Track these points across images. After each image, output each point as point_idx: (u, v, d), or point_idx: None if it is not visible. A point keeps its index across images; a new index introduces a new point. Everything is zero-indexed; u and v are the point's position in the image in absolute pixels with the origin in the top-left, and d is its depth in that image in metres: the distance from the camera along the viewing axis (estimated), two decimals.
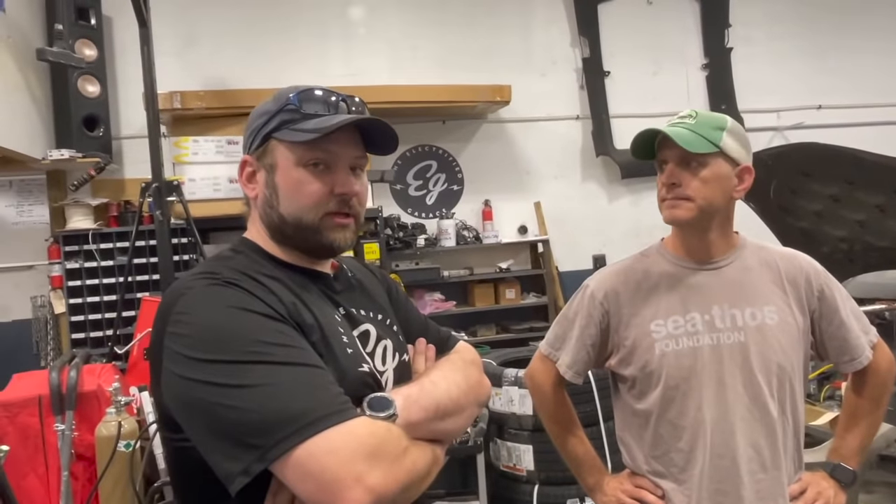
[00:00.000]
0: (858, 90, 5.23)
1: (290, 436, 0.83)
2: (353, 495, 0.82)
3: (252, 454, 0.84)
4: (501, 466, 3.16)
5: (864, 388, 1.51)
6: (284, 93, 1.04)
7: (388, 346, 1.10)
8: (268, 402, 0.85)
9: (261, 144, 1.04)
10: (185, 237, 3.74)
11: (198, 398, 0.87)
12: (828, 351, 1.47)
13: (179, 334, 0.91)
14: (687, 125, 1.38)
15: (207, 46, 4.36)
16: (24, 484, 2.69)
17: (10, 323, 4.03)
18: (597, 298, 1.48)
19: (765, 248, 1.49)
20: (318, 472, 0.82)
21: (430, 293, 4.54)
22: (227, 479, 0.85)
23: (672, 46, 5.11)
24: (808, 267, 1.47)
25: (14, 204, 4.06)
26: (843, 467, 1.49)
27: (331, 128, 0.98)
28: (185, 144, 3.80)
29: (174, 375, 0.90)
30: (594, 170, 5.00)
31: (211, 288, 0.95)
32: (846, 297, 1.48)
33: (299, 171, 1.02)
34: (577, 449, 1.59)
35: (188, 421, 0.90)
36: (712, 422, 1.38)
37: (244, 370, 0.86)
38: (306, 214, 1.02)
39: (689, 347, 1.39)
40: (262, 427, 0.84)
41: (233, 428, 0.85)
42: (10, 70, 3.44)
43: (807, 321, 1.44)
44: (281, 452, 0.83)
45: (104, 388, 2.74)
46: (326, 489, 0.82)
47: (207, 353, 0.88)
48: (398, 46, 4.69)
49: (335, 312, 1.05)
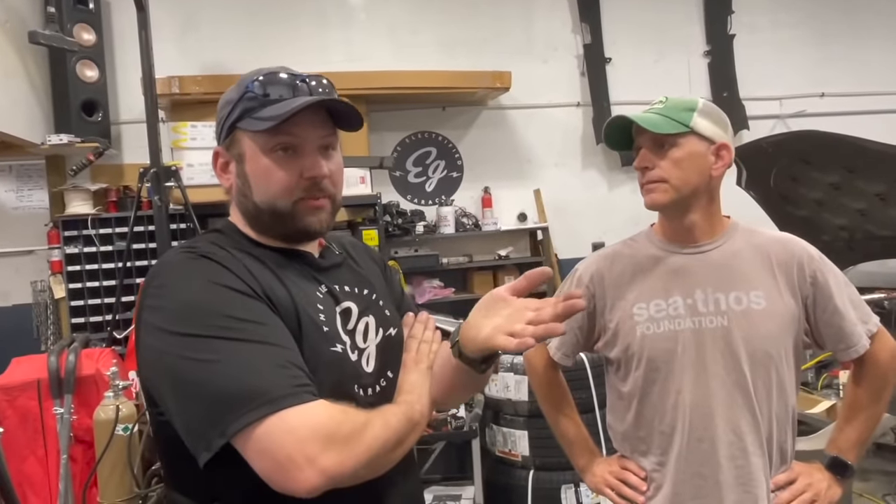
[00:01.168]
0: (861, 78, 5.19)
1: (250, 412, 0.84)
2: (304, 475, 0.84)
3: (214, 429, 0.85)
4: (497, 452, 3.18)
5: (862, 380, 1.48)
6: (245, 80, 1.03)
7: (370, 322, 1.11)
8: (231, 378, 0.86)
9: (228, 135, 1.04)
10: (184, 223, 3.74)
11: (167, 370, 0.89)
12: (823, 338, 1.45)
13: (154, 307, 0.93)
14: (656, 110, 1.39)
15: (206, 31, 4.34)
16: (24, 467, 2.72)
17: (10, 307, 4.04)
18: (583, 281, 1.50)
19: (757, 233, 1.48)
20: (273, 450, 0.84)
21: (429, 280, 4.54)
22: (194, 452, 0.88)
23: (674, 33, 5.07)
24: (802, 252, 1.45)
25: (14, 189, 4.06)
26: (840, 460, 1.46)
27: (286, 114, 0.97)
28: (184, 130, 3.79)
29: (148, 347, 0.92)
30: (594, 157, 4.98)
31: (187, 262, 0.97)
32: (844, 284, 1.46)
33: (266, 159, 1.01)
34: (569, 430, 1.62)
35: (159, 392, 0.92)
36: (692, 405, 1.38)
37: (211, 344, 0.87)
38: (279, 201, 1.02)
39: (669, 330, 1.40)
40: (224, 402, 0.85)
41: (197, 401, 0.86)
42: (8, 55, 3.43)
43: (799, 307, 1.42)
44: (240, 427, 0.84)
45: (103, 372, 2.76)
46: (280, 467, 0.84)
47: (177, 326, 0.89)
48: (398, 32, 4.66)
49: (316, 290, 1.05)
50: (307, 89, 1.02)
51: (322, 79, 1.05)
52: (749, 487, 1.39)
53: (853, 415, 1.49)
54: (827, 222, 3.51)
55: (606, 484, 1.52)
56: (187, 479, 0.97)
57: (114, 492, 2.58)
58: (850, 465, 1.46)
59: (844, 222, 3.45)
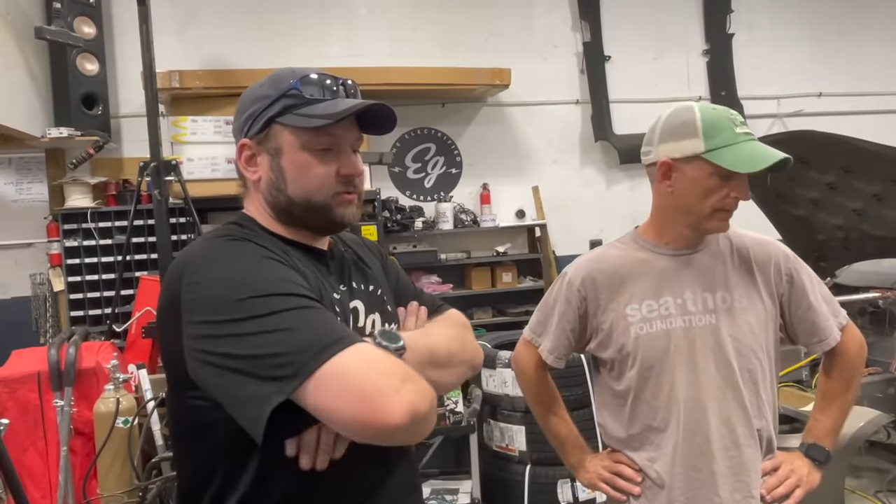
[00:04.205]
0: (859, 78, 5.21)
1: (326, 348, 0.84)
2: (395, 405, 0.81)
3: (287, 371, 0.83)
4: (494, 447, 3.20)
5: (833, 370, 1.56)
6: (283, 77, 1.06)
7: (376, 320, 1.14)
8: (296, 334, 0.86)
9: (263, 129, 1.06)
10: (183, 217, 3.75)
11: (226, 337, 0.88)
12: (797, 333, 1.53)
13: (200, 283, 0.93)
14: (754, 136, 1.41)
15: (206, 25, 4.34)
16: (24, 458, 2.73)
17: (9, 300, 4.05)
18: (574, 285, 1.52)
19: (737, 235, 1.53)
20: (357, 383, 0.82)
21: (428, 276, 4.55)
22: (260, 404, 0.84)
23: (673, 31, 5.08)
24: (778, 253, 1.52)
25: (13, 182, 4.07)
26: (817, 446, 1.54)
27: (341, 114, 1.02)
28: (184, 124, 3.80)
29: (194, 325, 0.91)
30: (593, 154, 5.00)
31: (226, 243, 1.00)
32: (816, 282, 1.54)
33: (306, 155, 1.05)
34: (559, 429, 1.65)
35: (214, 367, 0.89)
36: (685, 401, 1.43)
37: (265, 320, 0.87)
38: (315, 196, 1.06)
39: (662, 330, 1.45)
40: (296, 349, 0.84)
41: (262, 359, 0.85)
42: (8, 47, 3.43)
43: (776, 305, 1.49)
44: (318, 364, 0.83)
45: (103, 365, 2.77)
46: (369, 400, 0.82)
47: (235, 293, 0.90)
48: (398, 28, 4.66)
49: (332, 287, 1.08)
50: (343, 92, 1.07)
51: (348, 80, 1.10)
52: (742, 476, 1.44)
53: (827, 404, 1.57)
54: (823, 222, 3.53)
55: (600, 478, 1.55)
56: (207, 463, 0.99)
57: (113, 484, 2.60)
58: (826, 451, 1.54)
59: (841, 222, 3.47)
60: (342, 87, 1.07)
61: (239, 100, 1.11)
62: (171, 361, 0.99)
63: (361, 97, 1.09)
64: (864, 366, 1.59)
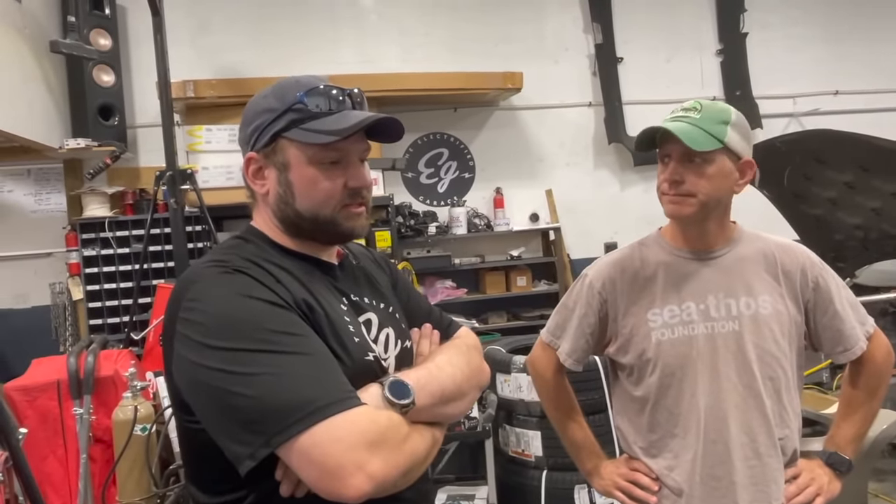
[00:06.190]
0: (876, 76, 5.14)
1: (295, 423, 0.86)
2: (354, 482, 0.85)
3: (259, 439, 0.86)
4: (510, 452, 3.18)
5: (859, 379, 1.51)
6: (288, 89, 1.05)
7: (390, 334, 1.13)
8: (274, 390, 0.87)
9: (269, 143, 1.05)
10: (199, 225, 3.78)
11: (208, 383, 0.90)
12: (822, 341, 1.48)
13: (191, 321, 0.94)
14: (691, 120, 1.36)
15: (220, 35, 4.38)
16: (45, 466, 2.77)
17: (29, 309, 4.11)
18: (595, 287, 1.49)
19: (761, 239, 1.49)
20: (321, 459, 0.85)
21: (442, 281, 4.55)
22: (235, 460, 0.88)
23: (686, 32, 5.05)
24: (804, 258, 1.47)
25: (32, 192, 4.13)
26: (838, 455, 1.50)
27: (349, 130, 1.01)
28: (199, 133, 3.84)
29: (186, 360, 0.93)
30: (606, 157, 4.98)
31: (221, 276, 0.98)
32: (842, 288, 1.49)
33: (313, 169, 1.04)
34: (576, 434, 1.62)
35: (198, 404, 0.93)
36: (706, 408, 1.40)
37: (252, 358, 0.89)
38: (322, 209, 1.05)
39: (684, 336, 1.41)
40: (269, 414, 0.86)
41: (240, 413, 0.87)
42: (26, 60, 3.48)
43: (801, 312, 1.45)
44: (286, 438, 0.85)
45: (121, 373, 2.80)
46: (329, 475, 0.85)
47: (217, 341, 0.90)
48: (410, 33, 4.68)
49: (340, 302, 1.07)
50: (350, 103, 1.06)
51: (354, 89, 1.09)
52: (762, 486, 1.41)
53: (850, 412, 1.53)
54: (841, 221, 3.48)
55: (616, 486, 1.52)
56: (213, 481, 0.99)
57: (132, 491, 2.62)
58: (847, 460, 1.50)
59: (859, 221, 3.42)
60: (348, 98, 1.05)
61: (244, 110, 1.10)
62: (171, 385, 1.01)
63: (374, 104, 1.09)
64: (890, 374, 1.53)
